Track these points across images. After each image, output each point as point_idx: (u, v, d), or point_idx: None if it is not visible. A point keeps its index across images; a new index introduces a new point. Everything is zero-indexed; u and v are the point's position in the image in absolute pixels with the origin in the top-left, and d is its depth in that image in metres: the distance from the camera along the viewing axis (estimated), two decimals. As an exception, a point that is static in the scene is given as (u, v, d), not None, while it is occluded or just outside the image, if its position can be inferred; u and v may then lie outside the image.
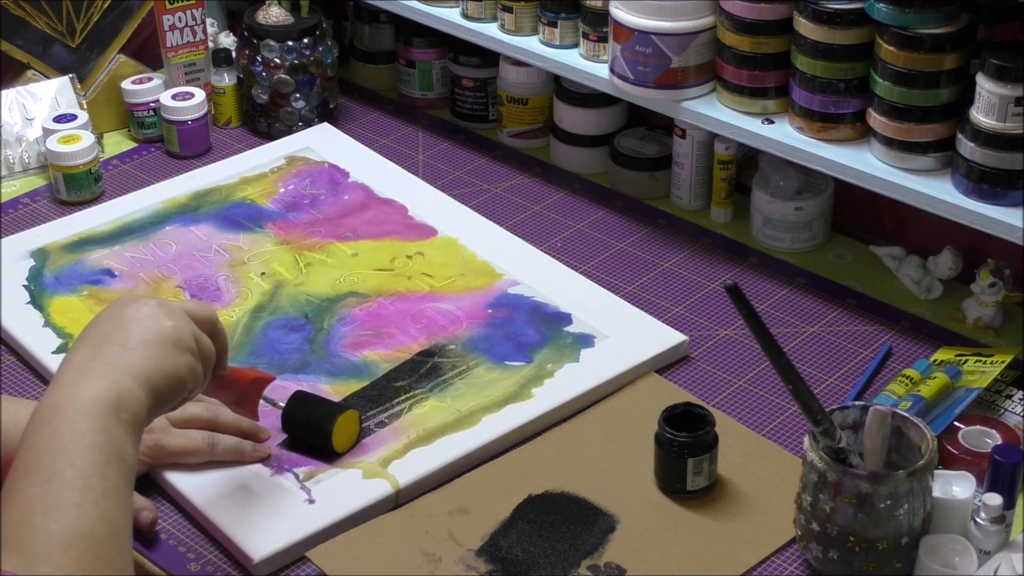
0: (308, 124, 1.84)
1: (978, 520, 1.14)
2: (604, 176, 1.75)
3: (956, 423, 1.28)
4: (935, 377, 1.32)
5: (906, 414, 1.16)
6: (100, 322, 1.10)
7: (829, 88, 1.42)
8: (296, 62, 1.80)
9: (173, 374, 1.09)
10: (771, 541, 1.21)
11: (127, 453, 1.02)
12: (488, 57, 1.81)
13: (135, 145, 1.85)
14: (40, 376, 1.43)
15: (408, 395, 1.36)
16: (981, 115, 1.31)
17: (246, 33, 1.81)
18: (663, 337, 1.43)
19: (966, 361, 1.36)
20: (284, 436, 1.31)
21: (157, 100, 1.82)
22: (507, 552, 1.20)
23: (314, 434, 1.29)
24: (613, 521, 1.23)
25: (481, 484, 1.27)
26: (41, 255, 1.59)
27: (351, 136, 1.81)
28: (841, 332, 1.46)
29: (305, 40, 1.81)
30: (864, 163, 1.42)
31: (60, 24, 1.83)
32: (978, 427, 1.28)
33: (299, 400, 1.31)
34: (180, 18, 1.84)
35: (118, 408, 1.03)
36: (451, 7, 1.75)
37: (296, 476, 1.27)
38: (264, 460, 1.28)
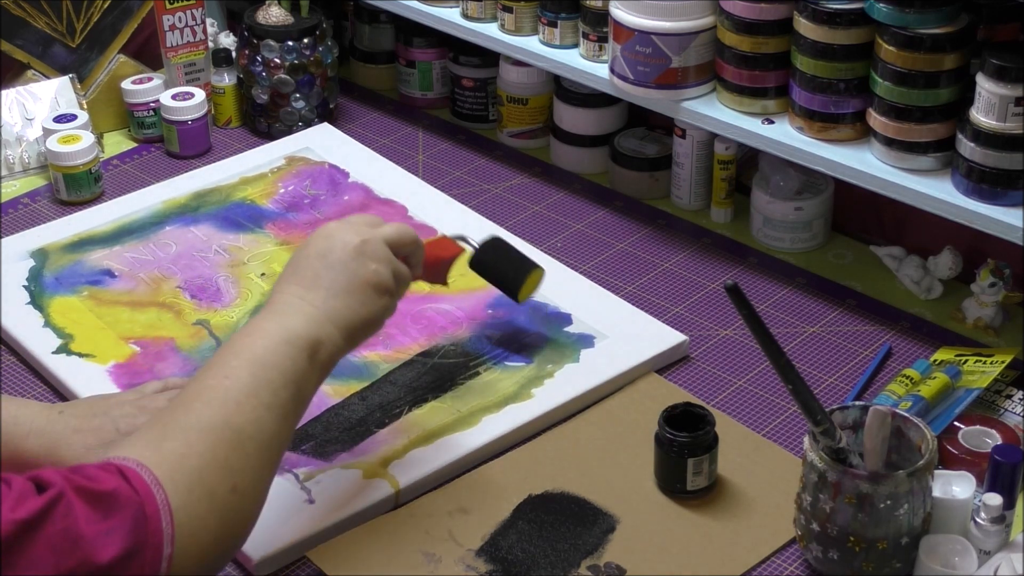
0: (308, 124, 1.84)
1: (978, 520, 1.14)
2: (604, 176, 1.75)
3: (956, 423, 1.28)
4: (935, 377, 1.32)
5: (906, 414, 1.16)
6: (309, 256, 1.16)
7: (829, 88, 1.42)
8: (296, 62, 1.80)
9: (372, 319, 1.16)
10: (771, 541, 1.21)
11: (307, 387, 1.10)
12: (488, 57, 1.81)
13: (135, 145, 1.85)
14: (40, 376, 1.43)
15: (408, 395, 1.36)
16: (981, 115, 1.31)
17: (246, 33, 1.82)
18: (663, 337, 1.43)
19: (966, 361, 1.36)
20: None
21: (157, 100, 1.82)
22: (507, 552, 1.20)
23: (505, 281, 1.40)
24: (613, 521, 1.23)
25: (481, 484, 1.27)
26: (41, 255, 1.59)
27: (351, 136, 1.81)
28: (841, 332, 1.46)
29: (305, 40, 1.81)
30: (864, 163, 1.42)
31: (60, 24, 1.83)
32: (978, 427, 1.28)
33: (493, 247, 1.41)
34: (180, 18, 1.84)
35: (315, 348, 1.10)
36: (451, 7, 1.75)
37: (296, 476, 1.27)
38: None
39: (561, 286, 1.51)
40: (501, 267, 1.41)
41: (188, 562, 0.96)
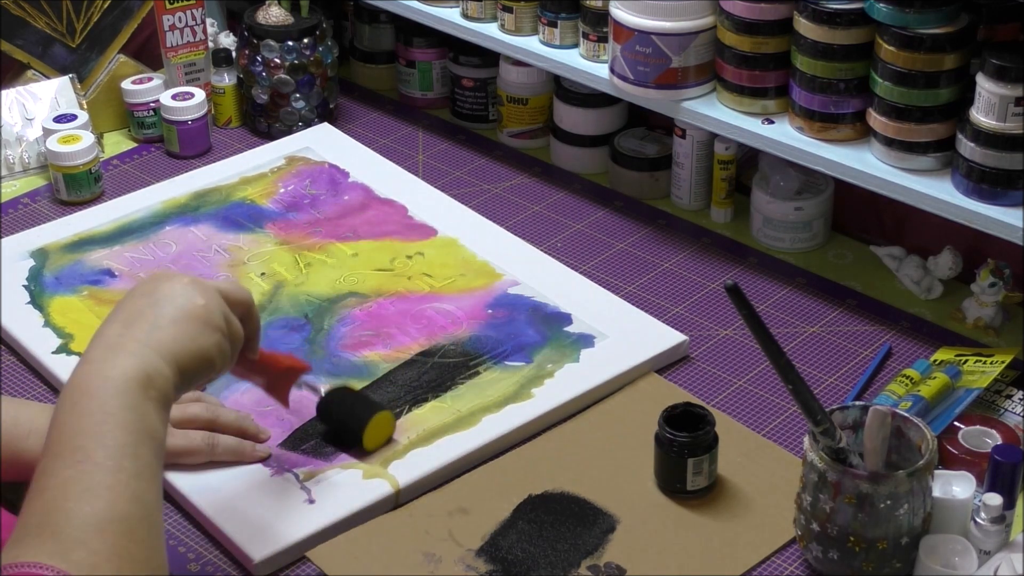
0: (308, 124, 1.84)
1: (978, 520, 1.14)
2: (604, 176, 1.75)
3: (956, 423, 1.28)
4: (935, 377, 1.32)
5: (906, 414, 1.16)
6: (134, 297, 1.10)
7: (829, 88, 1.42)
8: (296, 62, 1.80)
9: (201, 354, 1.09)
10: (771, 541, 1.21)
11: (157, 431, 1.02)
12: (488, 57, 1.81)
13: (135, 145, 1.85)
14: (40, 376, 1.43)
15: (408, 395, 1.36)
16: (981, 115, 1.31)
17: (246, 33, 1.82)
18: (663, 337, 1.43)
19: (966, 361, 1.36)
20: (285, 436, 1.31)
21: (157, 100, 1.82)
22: (507, 552, 1.20)
23: (345, 431, 1.30)
24: (613, 521, 1.23)
25: (481, 484, 1.27)
26: (41, 255, 1.59)
27: (351, 136, 1.81)
28: (841, 332, 1.46)
29: (305, 40, 1.81)
30: (864, 163, 1.42)
31: (60, 24, 1.83)
32: (978, 427, 1.28)
33: (337, 394, 1.32)
34: (180, 18, 1.84)
35: (146, 386, 1.03)
36: (451, 7, 1.75)
37: (296, 476, 1.27)
38: (264, 460, 1.28)
39: (561, 286, 1.51)
40: (343, 411, 1.31)
41: None
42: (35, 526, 0.95)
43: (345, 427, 1.30)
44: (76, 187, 1.71)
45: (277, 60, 1.80)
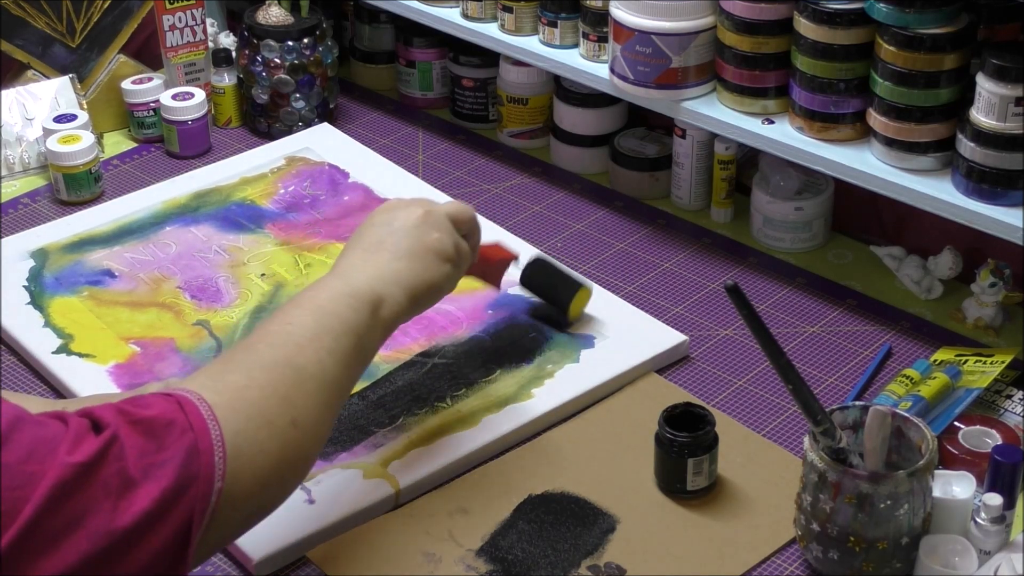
0: (308, 124, 1.84)
1: (978, 520, 1.14)
2: (604, 176, 1.75)
3: (956, 423, 1.28)
4: (935, 377, 1.32)
5: (906, 414, 1.16)
6: (374, 225, 1.21)
7: (829, 88, 1.42)
8: (296, 62, 1.80)
9: (433, 284, 1.19)
10: (771, 541, 1.21)
11: (369, 340, 1.12)
12: (488, 57, 1.81)
13: (135, 145, 1.85)
14: (40, 376, 1.43)
15: (408, 395, 1.36)
16: (981, 115, 1.31)
17: (246, 33, 1.82)
18: (663, 337, 1.43)
19: (966, 361, 1.36)
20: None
21: (157, 100, 1.82)
22: (507, 552, 1.20)
23: (554, 300, 1.43)
24: (613, 521, 1.23)
25: (481, 484, 1.27)
26: (41, 255, 1.59)
27: (351, 136, 1.81)
28: (841, 332, 1.46)
29: (305, 40, 1.81)
30: (864, 163, 1.42)
31: (60, 24, 1.83)
32: (978, 427, 1.28)
33: (538, 267, 1.44)
34: (180, 18, 1.84)
35: (378, 305, 1.13)
36: (451, 7, 1.75)
37: (296, 476, 1.27)
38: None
39: (561, 286, 1.51)
40: (551, 283, 1.45)
41: (243, 492, 0.96)
42: (219, 358, 1.05)
43: (554, 297, 1.44)
44: (76, 187, 1.71)
45: (277, 60, 1.80)
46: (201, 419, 0.95)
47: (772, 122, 1.49)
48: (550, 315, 1.45)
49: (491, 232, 1.60)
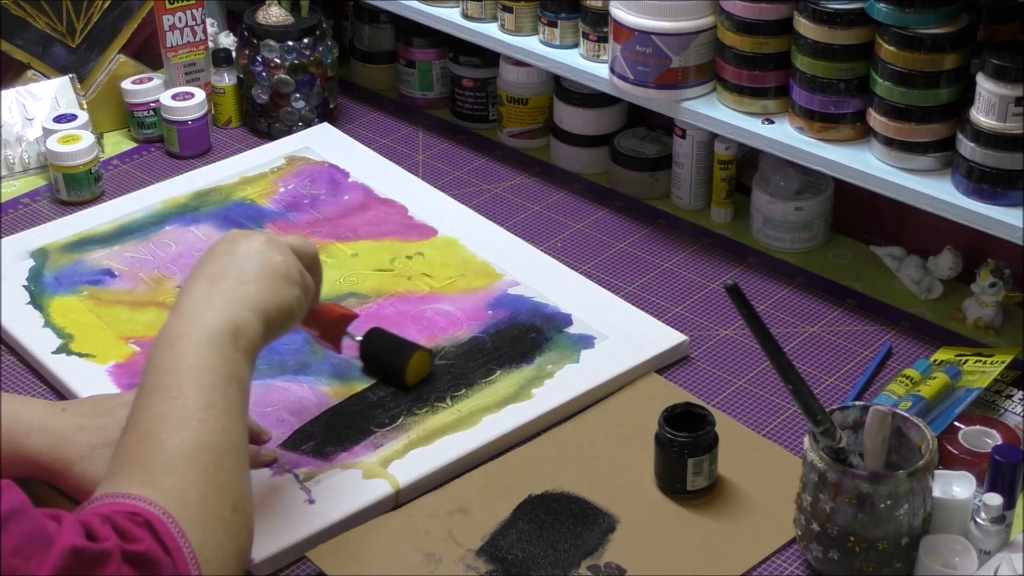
0: (308, 124, 1.84)
1: (978, 520, 1.14)
2: (604, 176, 1.75)
3: (956, 423, 1.28)
4: (935, 377, 1.32)
5: (906, 414, 1.16)
6: (215, 256, 1.17)
7: (829, 88, 1.42)
8: (296, 62, 1.80)
9: (284, 306, 1.16)
10: (771, 541, 1.21)
11: (244, 377, 1.10)
12: (488, 57, 1.81)
13: (135, 145, 1.85)
14: (40, 376, 1.43)
15: (408, 395, 1.36)
16: (981, 115, 1.31)
17: (246, 33, 1.82)
18: (663, 337, 1.43)
19: (966, 361, 1.36)
20: (285, 437, 1.31)
21: (157, 100, 1.82)
22: (507, 552, 1.20)
23: (389, 371, 1.37)
24: (613, 521, 1.23)
25: (481, 484, 1.27)
26: (41, 255, 1.59)
27: (351, 136, 1.81)
28: (841, 332, 1.46)
29: (305, 40, 1.81)
30: (864, 163, 1.42)
31: (60, 24, 1.83)
32: (978, 427, 1.28)
33: (375, 336, 1.38)
34: (180, 18, 1.84)
35: (235, 336, 1.10)
36: (451, 7, 1.75)
37: (296, 476, 1.27)
38: (269, 465, 1.28)
39: (561, 286, 1.51)
40: (385, 350, 1.38)
41: None
42: (128, 458, 1.02)
43: (389, 368, 1.37)
44: (76, 187, 1.71)
45: (277, 60, 1.80)
46: (175, 543, 0.96)
47: (772, 122, 1.49)
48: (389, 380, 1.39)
49: (492, 232, 1.61)
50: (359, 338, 1.37)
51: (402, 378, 1.36)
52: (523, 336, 1.44)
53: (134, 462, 1.02)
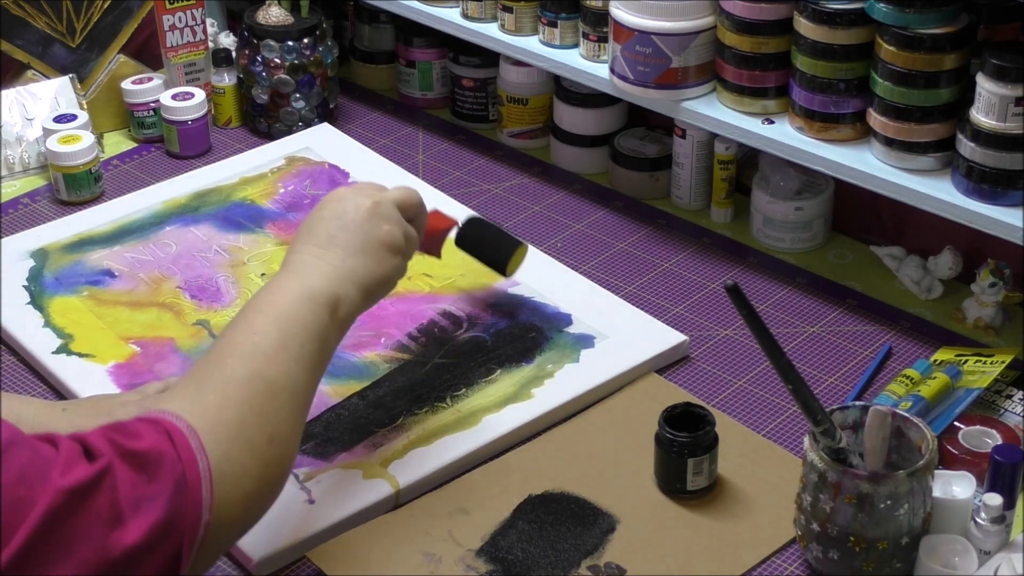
0: (308, 124, 1.84)
1: (978, 520, 1.14)
2: (604, 176, 1.75)
3: (956, 423, 1.28)
4: (935, 377, 1.32)
5: (906, 414, 1.16)
6: (324, 219, 1.20)
7: (829, 88, 1.42)
8: (296, 62, 1.80)
9: (386, 278, 1.21)
10: (771, 541, 1.21)
11: (330, 341, 1.14)
12: (488, 57, 1.81)
13: (135, 145, 1.85)
14: (40, 376, 1.43)
15: (408, 395, 1.36)
16: (981, 115, 1.31)
17: (246, 33, 1.82)
18: (663, 337, 1.43)
19: (966, 361, 1.36)
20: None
21: (157, 100, 1.82)
22: (507, 552, 1.20)
23: (494, 257, 1.45)
24: (613, 521, 1.23)
25: (481, 484, 1.27)
26: (41, 255, 1.59)
27: (351, 136, 1.81)
28: (841, 332, 1.46)
29: (305, 40, 1.81)
30: (864, 163, 1.42)
31: (60, 24, 1.83)
32: (978, 427, 1.28)
33: (474, 225, 1.46)
34: (180, 18, 1.84)
35: (335, 305, 1.14)
36: (451, 7, 1.75)
37: (296, 476, 1.27)
38: None
39: (561, 286, 1.51)
40: (487, 243, 1.46)
41: (229, 517, 0.99)
42: (192, 374, 1.06)
43: (492, 256, 1.45)
44: (76, 187, 1.71)
45: (277, 60, 1.80)
46: (189, 450, 0.97)
47: (772, 122, 1.49)
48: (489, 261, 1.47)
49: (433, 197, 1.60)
50: (458, 227, 1.44)
51: (504, 269, 1.45)
52: (523, 336, 1.44)
53: (192, 376, 1.06)
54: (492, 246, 1.46)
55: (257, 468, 1.02)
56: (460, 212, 1.51)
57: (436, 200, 1.67)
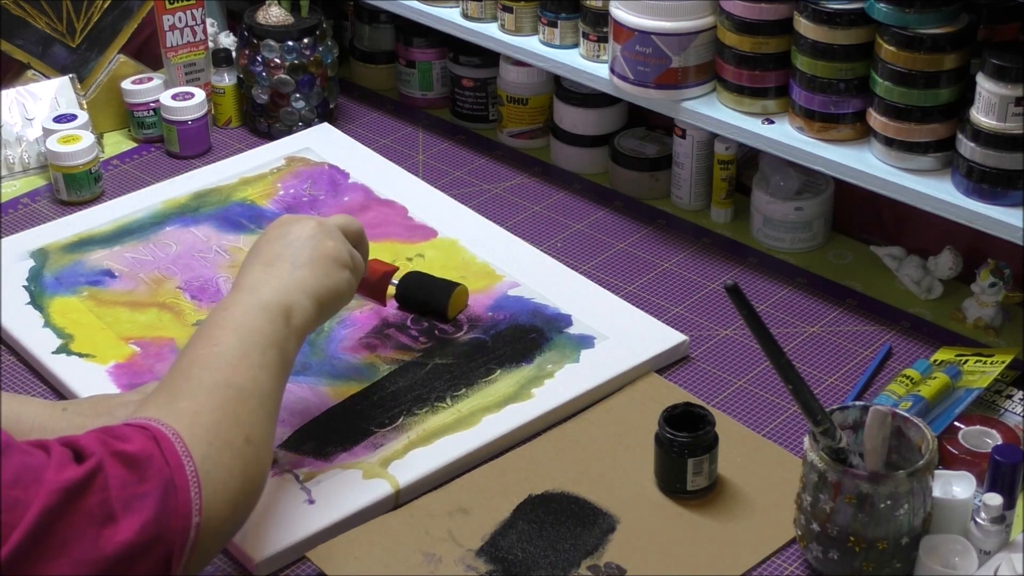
0: (308, 124, 1.84)
1: (978, 520, 1.14)
2: (604, 176, 1.75)
3: (956, 423, 1.28)
4: (935, 377, 1.32)
5: (906, 414, 1.16)
6: (269, 240, 1.24)
7: (829, 88, 1.42)
8: (296, 62, 1.80)
9: (335, 289, 1.23)
10: (771, 541, 1.21)
11: (289, 348, 1.16)
12: (488, 57, 1.81)
13: (135, 145, 1.85)
14: (40, 376, 1.43)
15: (408, 395, 1.36)
16: (981, 115, 1.31)
17: (246, 33, 1.82)
18: (663, 337, 1.43)
19: (966, 361, 1.36)
20: (285, 437, 1.31)
21: (157, 100, 1.82)
22: (507, 552, 1.20)
23: (431, 308, 1.46)
24: (613, 521, 1.23)
25: (481, 484, 1.27)
26: (41, 255, 1.59)
27: (351, 136, 1.81)
28: (841, 332, 1.46)
29: (305, 40, 1.81)
30: (864, 163, 1.42)
31: (60, 24, 1.83)
32: (978, 427, 1.28)
33: (413, 279, 1.47)
34: (180, 18, 1.84)
35: (288, 314, 1.17)
36: (451, 7, 1.75)
37: (296, 476, 1.27)
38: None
39: (561, 286, 1.51)
40: (423, 292, 1.47)
41: (218, 519, 1.01)
42: (160, 388, 1.08)
43: (428, 306, 1.46)
44: (76, 187, 1.71)
45: (277, 60, 1.80)
46: (176, 454, 0.99)
47: (772, 122, 1.49)
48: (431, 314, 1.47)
49: (492, 232, 1.61)
50: (395, 282, 1.46)
51: (444, 314, 1.45)
52: (523, 336, 1.44)
53: (161, 391, 1.08)
54: (428, 295, 1.46)
55: (239, 468, 1.04)
56: (405, 265, 1.53)
57: (436, 200, 1.67)
